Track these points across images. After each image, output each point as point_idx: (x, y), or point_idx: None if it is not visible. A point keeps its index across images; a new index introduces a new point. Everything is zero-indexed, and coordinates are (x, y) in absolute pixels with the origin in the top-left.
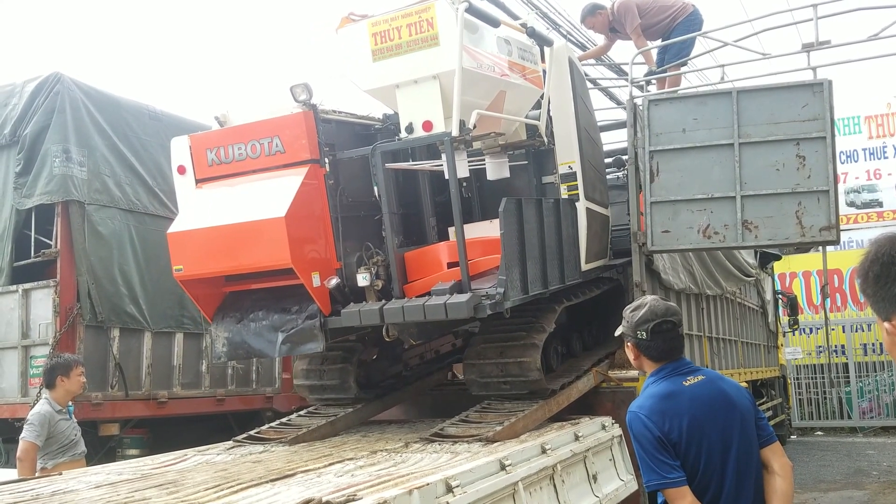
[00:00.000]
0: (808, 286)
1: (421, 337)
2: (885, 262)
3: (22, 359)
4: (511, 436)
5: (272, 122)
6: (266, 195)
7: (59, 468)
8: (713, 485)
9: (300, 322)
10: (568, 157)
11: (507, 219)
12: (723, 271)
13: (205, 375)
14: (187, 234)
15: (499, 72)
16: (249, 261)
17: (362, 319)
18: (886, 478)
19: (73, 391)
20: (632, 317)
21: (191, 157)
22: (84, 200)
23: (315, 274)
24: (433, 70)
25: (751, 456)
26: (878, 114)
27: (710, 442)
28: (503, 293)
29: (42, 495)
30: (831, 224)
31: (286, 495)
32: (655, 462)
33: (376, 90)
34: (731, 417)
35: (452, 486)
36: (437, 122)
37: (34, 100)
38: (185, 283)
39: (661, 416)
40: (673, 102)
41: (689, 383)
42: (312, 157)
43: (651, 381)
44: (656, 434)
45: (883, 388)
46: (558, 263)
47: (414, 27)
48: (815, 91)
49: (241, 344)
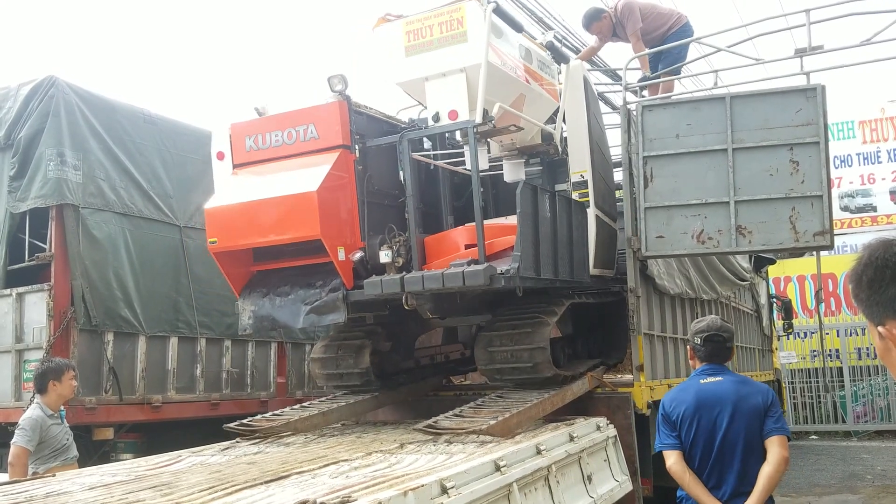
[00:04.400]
0: (803, 290)
1: (437, 312)
2: (878, 266)
3: (15, 363)
4: (505, 431)
5: (308, 111)
6: (299, 174)
7: (51, 473)
8: (699, 456)
9: (324, 295)
10: (580, 167)
11: (524, 199)
12: (717, 275)
13: (199, 380)
14: (222, 208)
15: (520, 75)
16: (281, 233)
17: (384, 288)
18: (881, 482)
19: (66, 395)
20: (694, 326)
21: (230, 144)
22: (79, 204)
23: (340, 248)
24: (461, 64)
25: (737, 441)
26: (872, 119)
27: (699, 424)
28: (517, 268)
29: (35, 497)
30: (825, 229)
31: (281, 497)
32: (660, 431)
33: (407, 83)
34: (724, 410)
35: (447, 487)
36: (462, 112)
37: (29, 103)
38: (218, 256)
39: (671, 401)
40: (667, 108)
41: (703, 382)
42: (344, 143)
43: (690, 376)
44: (663, 412)
45: (877, 393)
46: (568, 260)
47: (445, 25)
48: (808, 96)
49: (266, 317)
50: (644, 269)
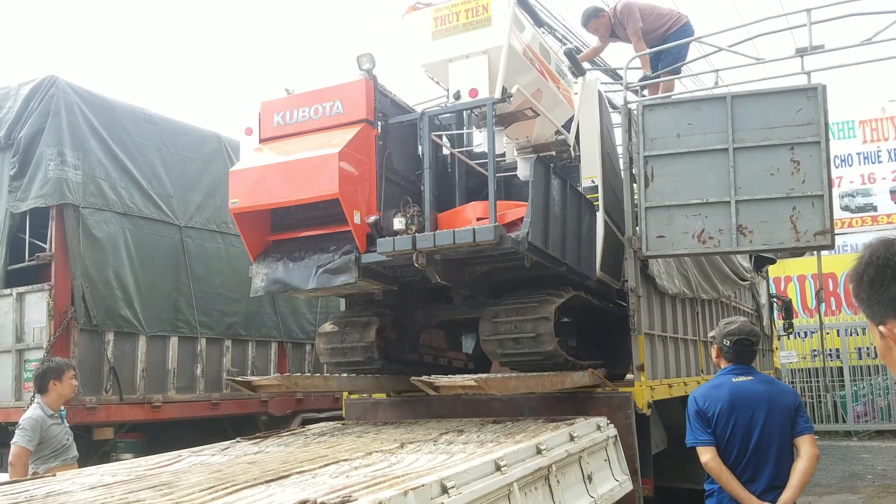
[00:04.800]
0: (803, 290)
1: (446, 277)
2: (879, 265)
3: (16, 363)
4: (502, 387)
5: (336, 89)
6: (322, 141)
7: (51, 473)
8: (736, 452)
9: (336, 258)
10: (591, 172)
11: (536, 171)
12: (718, 275)
13: (199, 379)
14: (246, 170)
15: (539, 69)
16: (301, 193)
17: (396, 246)
18: (881, 481)
19: (66, 395)
20: (724, 328)
21: (258, 120)
22: (79, 204)
23: (356, 212)
24: (483, 46)
25: (772, 439)
26: (872, 118)
27: (736, 422)
28: (527, 233)
29: (36, 497)
30: (826, 228)
31: (281, 496)
32: (692, 427)
33: (432, 64)
34: (760, 408)
35: (448, 487)
36: (482, 91)
37: (29, 103)
38: (238, 217)
39: (704, 398)
40: (667, 107)
41: (735, 380)
42: (367, 118)
43: (718, 374)
44: (696, 409)
45: (877, 392)
46: (576, 250)
47: (471, 11)
48: (809, 96)
49: (278, 279)
50: (644, 268)
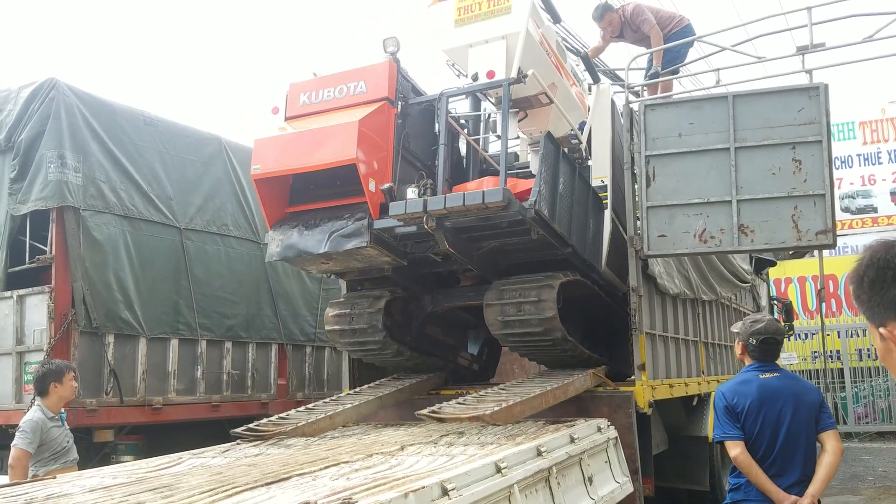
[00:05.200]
0: (804, 292)
1: (455, 246)
2: (880, 266)
3: (16, 365)
4: (508, 417)
5: (360, 70)
6: (343, 115)
7: (51, 475)
8: (764, 446)
9: (350, 224)
10: (601, 173)
11: (546, 145)
12: (718, 276)
13: (200, 381)
14: (269, 139)
15: (554, 63)
16: (319, 159)
17: (407, 208)
18: (882, 483)
19: (67, 397)
20: (750, 326)
21: (285, 101)
22: (79, 206)
23: (372, 180)
24: (502, 32)
25: (800, 434)
26: (872, 119)
27: (765, 417)
28: (535, 200)
29: (36, 499)
30: (827, 228)
31: (282, 498)
32: (721, 422)
33: (453, 49)
34: (787, 404)
35: (448, 489)
36: (499, 73)
37: (29, 105)
38: (258, 182)
39: (732, 393)
40: (669, 107)
41: (763, 377)
42: (389, 97)
43: (743, 371)
44: (725, 404)
45: (878, 394)
46: (583, 236)
47: (493, 1)
48: (811, 95)
49: (292, 245)
50: (646, 268)
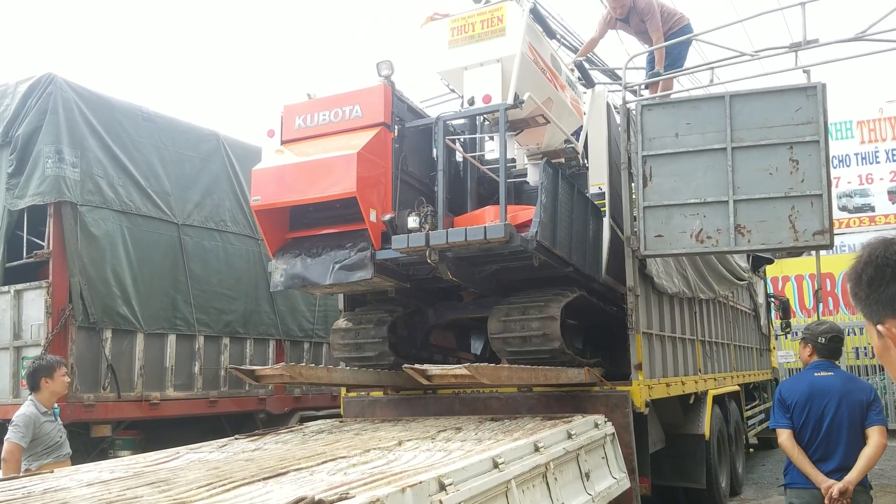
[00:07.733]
0: (801, 290)
1: (457, 275)
2: (878, 264)
3: (14, 360)
4: (494, 377)
5: (355, 94)
6: (341, 143)
7: (44, 470)
8: (808, 435)
9: (353, 254)
10: (599, 180)
11: (545, 173)
12: (715, 275)
13: (197, 377)
14: (268, 169)
15: (550, 79)
16: (320, 191)
17: (410, 243)
18: (879, 481)
19: (58, 392)
20: (816, 328)
21: (280, 123)
22: (76, 201)
23: (373, 210)
24: (497, 55)
25: (842, 426)
26: (870, 119)
27: (811, 410)
28: (535, 232)
29: (33, 493)
30: (825, 228)
31: (279, 493)
32: (775, 412)
33: (448, 71)
34: (832, 400)
35: (445, 484)
36: (495, 97)
37: (27, 100)
38: (259, 213)
39: (788, 389)
40: (666, 107)
41: (816, 375)
42: (385, 122)
43: (805, 369)
44: (779, 398)
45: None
46: (583, 252)
47: (486, 22)
48: (808, 94)
49: (296, 275)
50: (643, 268)
